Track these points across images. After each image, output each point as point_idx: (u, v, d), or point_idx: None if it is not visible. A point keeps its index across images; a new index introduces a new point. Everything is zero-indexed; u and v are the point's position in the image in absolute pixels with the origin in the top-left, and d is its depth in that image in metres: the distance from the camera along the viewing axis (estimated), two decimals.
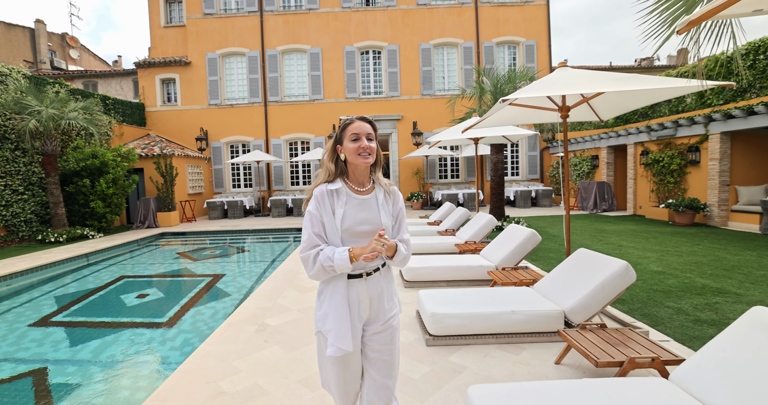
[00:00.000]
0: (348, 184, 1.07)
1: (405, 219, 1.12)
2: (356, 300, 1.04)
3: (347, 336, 1.01)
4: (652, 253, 4.10)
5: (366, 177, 1.07)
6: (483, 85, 6.64)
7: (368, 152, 1.03)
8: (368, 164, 1.03)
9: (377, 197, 1.06)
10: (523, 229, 3.24)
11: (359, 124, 1.03)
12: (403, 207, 1.13)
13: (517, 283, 2.66)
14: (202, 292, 3.68)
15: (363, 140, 1.03)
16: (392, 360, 1.08)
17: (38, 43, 13.45)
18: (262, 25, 10.27)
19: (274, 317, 2.57)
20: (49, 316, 3.13)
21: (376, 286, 1.06)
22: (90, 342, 2.58)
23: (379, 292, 1.06)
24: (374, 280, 1.05)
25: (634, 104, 3.02)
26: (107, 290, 3.83)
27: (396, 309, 1.13)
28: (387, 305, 1.08)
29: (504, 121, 3.64)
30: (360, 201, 1.04)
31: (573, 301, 2.06)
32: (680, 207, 6.11)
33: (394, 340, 1.09)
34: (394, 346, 1.09)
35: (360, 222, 1.02)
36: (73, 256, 5.10)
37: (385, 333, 1.08)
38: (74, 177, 6.81)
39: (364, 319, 1.06)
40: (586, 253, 2.31)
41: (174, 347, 2.48)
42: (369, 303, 1.05)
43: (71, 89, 7.59)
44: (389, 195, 1.08)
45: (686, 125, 6.47)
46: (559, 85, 2.55)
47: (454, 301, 2.24)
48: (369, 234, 1.02)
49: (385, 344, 1.07)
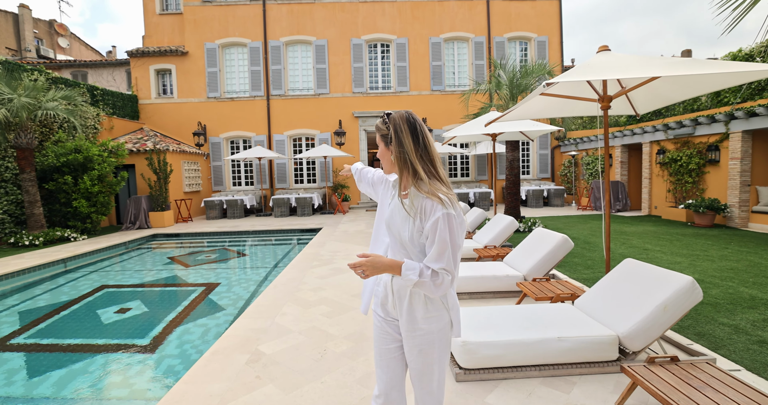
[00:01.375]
0: (401, 183, 1.02)
1: (447, 245, 0.88)
2: (384, 291, 1.03)
3: (364, 297, 1.10)
4: (682, 258, 3.81)
5: (403, 181, 1.00)
6: (499, 78, 6.21)
7: (377, 158, 0.89)
8: (384, 171, 1.04)
9: (407, 206, 0.97)
10: (553, 234, 2.86)
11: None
12: (441, 227, 0.88)
13: (553, 298, 2.28)
14: (192, 305, 3.24)
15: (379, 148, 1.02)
16: (422, 371, 0.99)
17: (23, 29, 12.81)
18: (264, 14, 9.80)
19: (270, 342, 2.14)
20: (6, 337, 2.67)
21: (401, 288, 0.99)
22: (53, 372, 2.14)
23: (402, 295, 0.99)
24: (399, 281, 0.98)
25: (681, 95, 2.60)
26: (83, 303, 3.37)
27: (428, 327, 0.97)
28: (416, 314, 0.98)
29: (533, 113, 3.23)
30: (397, 202, 1.01)
31: (629, 324, 1.69)
32: (700, 208, 5.86)
33: (423, 355, 0.98)
34: (424, 359, 0.98)
35: (392, 222, 0.99)
36: (48, 262, 4.59)
37: (410, 343, 0.99)
38: (55, 173, 6.29)
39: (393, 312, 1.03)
40: (636, 265, 1.94)
41: (154, 378, 2.06)
42: (394, 300, 1.00)
43: (53, 78, 7.00)
44: (419, 209, 0.93)
45: (706, 123, 6.20)
46: (608, 69, 2.12)
47: (486, 323, 1.86)
48: (398, 238, 0.98)
49: (411, 353, 1.00)
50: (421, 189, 0.92)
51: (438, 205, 0.88)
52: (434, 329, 0.95)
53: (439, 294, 0.90)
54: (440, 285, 0.88)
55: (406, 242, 0.93)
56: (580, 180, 9.80)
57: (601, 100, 2.49)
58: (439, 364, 0.98)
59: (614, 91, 2.68)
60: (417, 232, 0.92)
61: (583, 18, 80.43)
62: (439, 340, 0.96)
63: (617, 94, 2.51)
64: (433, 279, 0.87)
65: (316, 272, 3.68)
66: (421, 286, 0.88)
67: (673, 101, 2.65)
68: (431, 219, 0.89)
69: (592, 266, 3.61)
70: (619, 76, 1.96)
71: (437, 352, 0.97)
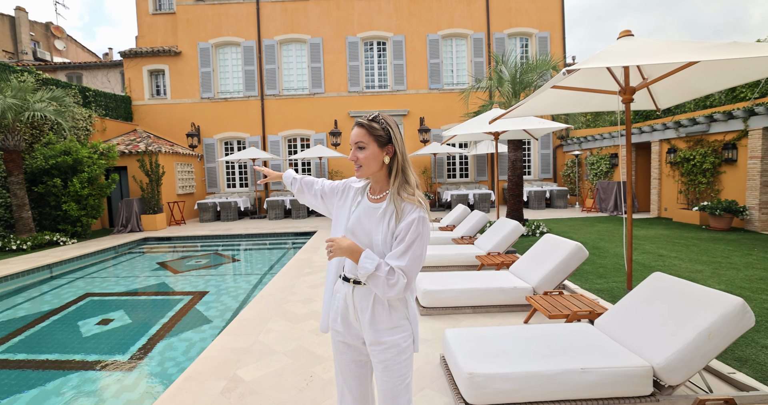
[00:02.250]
0: (368, 189, 1.02)
1: (412, 246, 0.89)
2: (343, 304, 0.99)
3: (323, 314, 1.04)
4: (703, 266, 3.53)
5: (378, 185, 0.99)
6: (501, 74, 5.97)
7: (358, 164, 0.95)
8: (360, 176, 0.97)
9: (380, 207, 0.96)
10: (565, 241, 2.62)
11: (353, 132, 0.95)
12: (413, 229, 0.90)
13: (570, 316, 2.03)
14: (177, 316, 3.04)
15: (352, 151, 0.95)
16: (392, 389, 0.95)
17: (19, 32, 12.76)
18: (258, 12, 9.60)
19: (250, 366, 1.92)
20: None
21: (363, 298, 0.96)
22: (23, 393, 1.95)
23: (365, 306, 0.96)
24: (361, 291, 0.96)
25: (714, 85, 2.34)
26: (65, 313, 3.19)
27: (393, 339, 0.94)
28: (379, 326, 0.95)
29: (542, 109, 3.00)
30: (368, 207, 0.98)
31: (667, 353, 1.44)
32: (717, 210, 5.55)
33: (389, 372, 0.95)
34: (390, 376, 0.95)
35: (358, 227, 0.97)
36: (33, 268, 4.42)
37: (376, 359, 0.96)
38: (44, 176, 6.14)
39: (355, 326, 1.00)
40: (667, 281, 1.69)
41: (130, 401, 1.86)
42: (355, 312, 0.97)
43: (43, 79, 6.87)
44: (400, 210, 0.93)
45: (722, 120, 5.88)
46: (637, 54, 1.89)
47: (495, 349, 1.62)
48: (364, 242, 0.95)
49: (377, 369, 0.97)
50: (405, 191, 0.92)
51: (416, 207, 0.91)
52: (399, 341, 0.94)
53: (389, 295, 0.88)
54: (393, 285, 0.86)
55: (378, 245, 0.92)
56: (583, 181, 9.54)
57: (622, 92, 2.22)
58: (406, 380, 0.96)
59: (635, 83, 2.41)
60: (390, 233, 0.92)
61: (581, 14, 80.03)
62: (405, 354, 0.95)
63: (640, 86, 2.24)
64: (388, 276, 0.86)
65: (308, 281, 3.47)
66: (375, 279, 0.87)
67: (702, 93, 2.38)
68: (407, 219, 0.90)
69: (605, 275, 3.35)
70: (652, 61, 1.70)
71: (405, 367, 0.95)
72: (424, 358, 1.94)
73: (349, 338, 0.99)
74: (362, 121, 0.93)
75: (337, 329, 1.00)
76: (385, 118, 0.94)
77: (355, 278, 0.95)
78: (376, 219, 0.93)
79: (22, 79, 6.25)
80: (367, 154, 0.92)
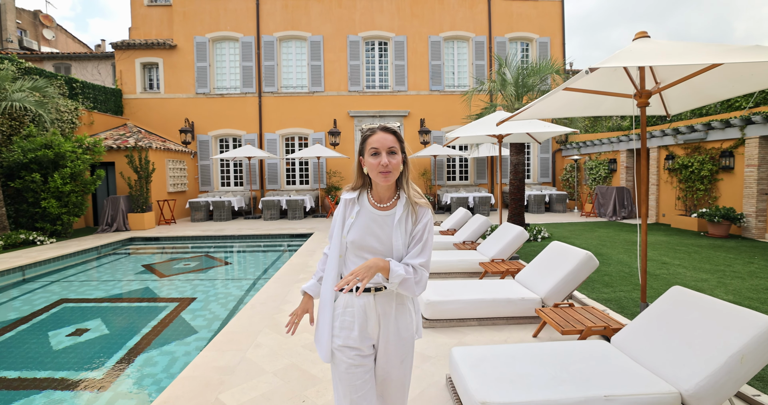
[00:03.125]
0: (369, 197, 1.01)
1: (428, 244, 0.99)
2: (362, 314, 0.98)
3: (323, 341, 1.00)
4: (708, 275, 3.47)
5: (388, 192, 1.00)
6: (504, 76, 5.89)
7: (388, 170, 0.94)
8: (388, 183, 0.95)
9: (395, 215, 0.97)
10: (574, 250, 2.49)
11: (380, 137, 0.94)
12: (428, 229, 0.99)
13: (584, 331, 1.90)
14: (160, 326, 2.80)
15: (383, 156, 0.94)
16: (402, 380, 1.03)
17: (4, 19, 12.27)
18: (258, 8, 9.40)
19: (235, 388, 1.71)
20: None
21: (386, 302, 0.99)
22: None
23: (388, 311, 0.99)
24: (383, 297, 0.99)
25: (730, 91, 2.24)
26: (33, 323, 2.91)
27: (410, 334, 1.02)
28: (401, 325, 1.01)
29: (550, 112, 2.88)
30: (375, 216, 0.97)
31: (696, 379, 1.30)
32: (715, 217, 5.57)
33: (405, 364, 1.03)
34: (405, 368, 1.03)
35: (368, 237, 0.96)
36: (2, 271, 4.08)
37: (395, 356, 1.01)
38: (22, 170, 5.76)
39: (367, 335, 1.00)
40: (688, 296, 1.57)
41: None
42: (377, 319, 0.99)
43: (26, 68, 6.52)
44: (412, 212, 0.98)
45: (719, 128, 5.95)
46: (660, 55, 1.77)
47: (509, 373, 1.45)
48: (378, 252, 0.96)
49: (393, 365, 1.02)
50: (417, 196, 0.98)
51: (427, 209, 0.99)
52: (411, 335, 1.00)
53: (419, 292, 0.94)
54: (419, 282, 0.94)
55: (399, 250, 0.95)
56: (582, 185, 9.56)
57: (638, 95, 2.11)
58: (413, 364, 1.06)
59: (648, 87, 2.32)
60: (409, 236, 0.96)
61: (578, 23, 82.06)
62: (413, 345, 1.02)
63: (656, 90, 2.15)
64: (415, 276, 0.93)
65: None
66: (405, 283, 0.92)
67: (715, 99, 2.29)
68: (423, 221, 0.98)
69: (611, 283, 3.24)
70: (678, 62, 1.59)
71: (411, 356, 1.03)
72: (428, 379, 1.77)
73: (365, 349, 0.98)
74: (392, 128, 0.96)
75: (351, 345, 0.97)
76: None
77: (376, 286, 0.96)
78: (393, 226, 0.96)
79: (0, 67, 5.90)
80: (399, 160, 0.95)
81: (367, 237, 0.95)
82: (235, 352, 2.06)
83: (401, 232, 0.95)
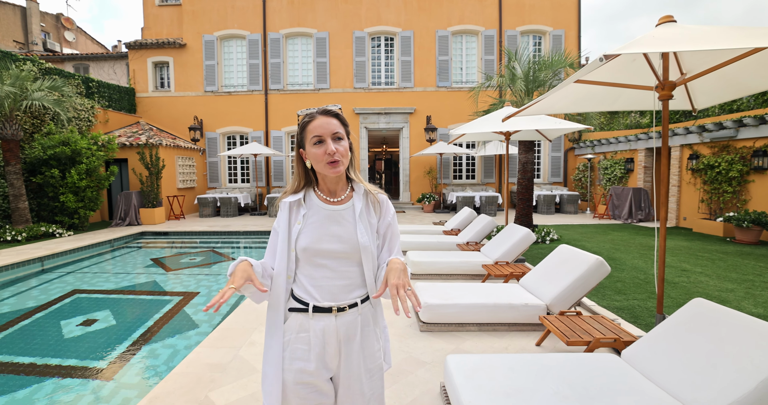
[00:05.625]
0: (317, 193, 0.85)
1: (398, 238, 0.88)
2: (321, 341, 0.79)
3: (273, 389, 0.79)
4: (734, 285, 3.21)
5: (339, 184, 0.85)
6: (513, 71, 5.65)
7: (336, 158, 0.80)
8: (338, 173, 0.81)
9: (354, 207, 0.83)
10: (583, 254, 2.34)
11: (322, 123, 0.80)
12: (394, 222, 0.87)
13: (591, 343, 1.78)
14: (164, 319, 2.87)
15: (328, 143, 0.79)
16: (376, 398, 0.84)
17: (30, 22, 12.89)
18: (264, 5, 9.42)
19: (226, 387, 1.70)
20: None
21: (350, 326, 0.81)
22: None
23: (352, 334, 0.81)
24: (347, 318, 0.80)
25: (767, 82, 2.02)
26: (48, 311, 3.04)
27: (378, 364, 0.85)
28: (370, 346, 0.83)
29: (561, 107, 2.71)
30: (330, 212, 0.82)
31: (722, 402, 1.16)
32: (744, 221, 5.17)
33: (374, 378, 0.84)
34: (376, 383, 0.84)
35: (325, 238, 0.80)
36: (23, 261, 4.28)
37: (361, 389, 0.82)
38: (42, 166, 6.07)
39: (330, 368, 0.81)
40: (711, 309, 1.42)
41: None
42: (338, 346, 0.81)
43: (46, 68, 6.80)
44: (374, 206, 0.86)
45: (753, 125, 5.49)
46: (689, 40, 1.59)
47: (506, 386, 1.36)
48: (340, 254, 0.80)
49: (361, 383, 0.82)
50: (362, 185, 0.85)
51: (383, 195, 0.87)
52: (378, 365, 0.85)
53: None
54: None
55: (367, 246, 0.80)
56: (596, 186, 9.15)
57: (660, 87, 1.91)
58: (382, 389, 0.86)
59: (673, 78, 2.10)
60: (374, 231, 0.84)
61: (595, 14, 77.81)
62: (382, 377, 0.86)
63: (681, 81, 1.93)
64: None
65: None
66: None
67: (750, 92, 2.06)
68: (390, 212, 0.87)
69: (624, 290, 3.07)
70: (712, 47, 1.39)
71: (381, 392, 0.85)
72: (422, 386, 1.70)
73: (321, 381, 0.80)
74: (333, 111, 0.82)
75: (306, 380, 0.78)
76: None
77: (338, 306, 0.79)
78: (355, 220, 0.82)
79: (22, 68, 6.18)
80: (346, 146, 0.82)
81: (323, 238, 0.79)
82: (228, 349, 2.06)
83: (365, 226, 0.81)
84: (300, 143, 0.83)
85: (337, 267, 0.80)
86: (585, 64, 11.76)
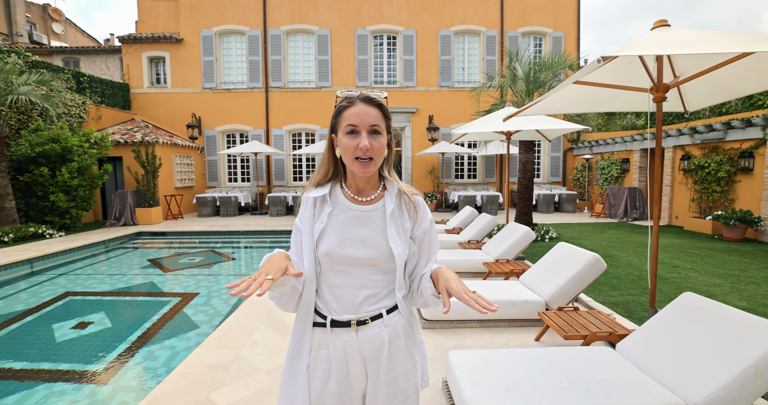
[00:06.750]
0: (344, 189, 0.75)
1: (437, 247, 0.78)
2: (341, 359, 0.71)
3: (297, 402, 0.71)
4: (721, 280, 3.33)
5: (370, 183, 0.74)
6: (514, 71, 5.67)
7: (369, 156, 0.69)
8: (368, 174, 0.70)
9: (385, 208, 0.73)
10: (581, 251, 2.39)
11: (358, 111, 0.69)
12: (432, 230, 0.76)
13: (588, 337, 1.83)
14: (162, 321, 2.82)
15: (363, 137, 0.68)
16: None
17: (14, 13, 12.37)
18: (264, 1, 9.28)
19: (227, 387, 1.68)
20: None
21: (375, 340, 0.71)
22: None
23: (379, 350, 0.71)
24: (370, 332, 0.71)
25: (755, 86, 2.06)
26: (39, 314, 2.95)
27: (407, 385, 0.74)
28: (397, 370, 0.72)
29: (560, 108, 2.73)
30: (356, 213, 0.72)
31: (706, 392, 1.22)
32: (731, 220, 5.35)
33: None
34: None
35: (349, 242, 0.70)
36: (11, 263, 4.12)
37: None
38: (30, 164, 5.83)
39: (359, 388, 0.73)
40: (700, 302, 1.48)
41: None
42: (363, 364, 0.72)
43: (32, 61, 6.51)
44: (409, 208, 0.74)
45: (740, 127, 5.68)
46: (683, 44, 1.62)
47: (507, 380, 1.38)
48: (365, 261, 0.71)
49: None
50: (396, 184, 0.75)
51: (418, 197, 0.77)
52: (413, 385, 0.75)
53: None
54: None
55: (400, 253, 0.71)
56: (593, 185, 9.28)
57: (654, 89, 1.96)
58: None
59: (666, 80, 2.15)
60: (407, 237, 0.74)
61: (593, 17, 78.88)
62: (416, 399, 0.76)
63: (674, 84, 1.99)
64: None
65: None
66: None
67: (738, 95, 2.12)
68: (427, 217, 0.77)
69: (619, 286, 3.12)
70: (705, 51, 1.45)
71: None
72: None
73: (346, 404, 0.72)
74: (376, 100, 0.70)
75: (326, 402, 0.71)
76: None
77: (359, 319, 0.71)
78: (382, 223, 0.72)
79: (6, 61, 5.86)
80: (383, 143, 0.70)
81: (347, 242, 0.70)
82: (230, 350, 2.03)
83: (398, 231, 0.71)
84: (333, 129, 0.74)
85: (361, 275, 0.70)
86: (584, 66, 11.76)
